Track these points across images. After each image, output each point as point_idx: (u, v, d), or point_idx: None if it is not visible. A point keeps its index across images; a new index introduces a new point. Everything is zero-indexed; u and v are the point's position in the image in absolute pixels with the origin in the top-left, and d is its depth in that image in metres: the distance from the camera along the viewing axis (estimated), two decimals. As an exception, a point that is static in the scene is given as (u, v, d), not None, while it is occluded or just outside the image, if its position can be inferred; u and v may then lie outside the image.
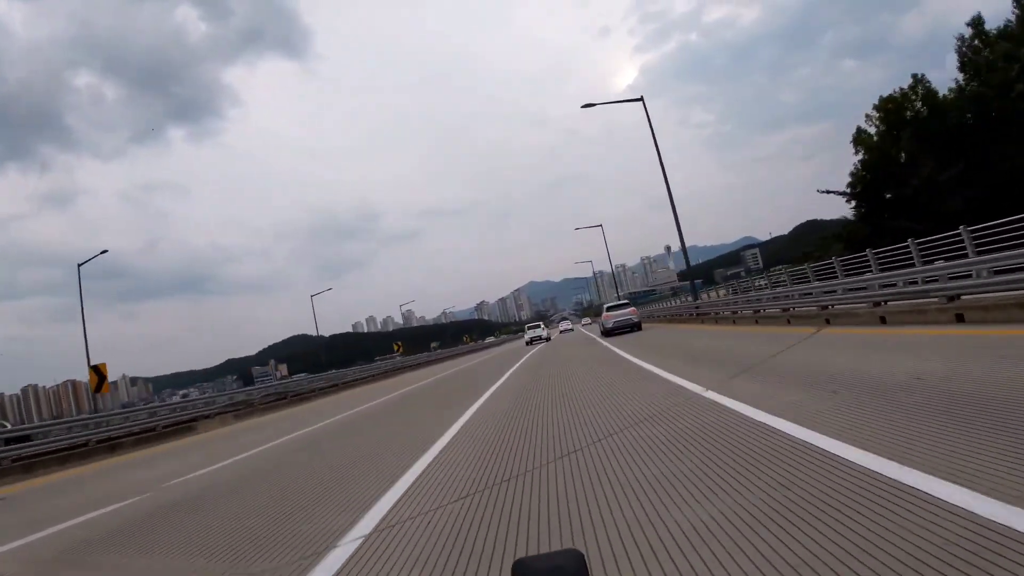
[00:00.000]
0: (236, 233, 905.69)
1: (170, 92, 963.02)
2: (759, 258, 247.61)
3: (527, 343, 42.20)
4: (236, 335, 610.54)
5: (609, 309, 30.79)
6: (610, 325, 29.15)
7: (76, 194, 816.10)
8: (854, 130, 35.23)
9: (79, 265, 29.34)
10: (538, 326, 46.28)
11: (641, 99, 28.36)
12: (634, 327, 29.06)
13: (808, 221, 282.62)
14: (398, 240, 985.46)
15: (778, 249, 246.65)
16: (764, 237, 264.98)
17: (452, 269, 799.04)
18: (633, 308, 31.50)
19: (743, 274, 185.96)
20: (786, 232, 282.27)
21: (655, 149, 28.07)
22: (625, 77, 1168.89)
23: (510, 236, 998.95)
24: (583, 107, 29.25)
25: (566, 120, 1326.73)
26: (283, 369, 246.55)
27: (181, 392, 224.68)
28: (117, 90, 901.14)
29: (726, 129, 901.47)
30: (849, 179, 36.06)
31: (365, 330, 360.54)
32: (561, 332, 51.09)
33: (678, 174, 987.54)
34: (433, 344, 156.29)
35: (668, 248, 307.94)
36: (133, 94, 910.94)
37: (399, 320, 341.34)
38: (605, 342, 24.17)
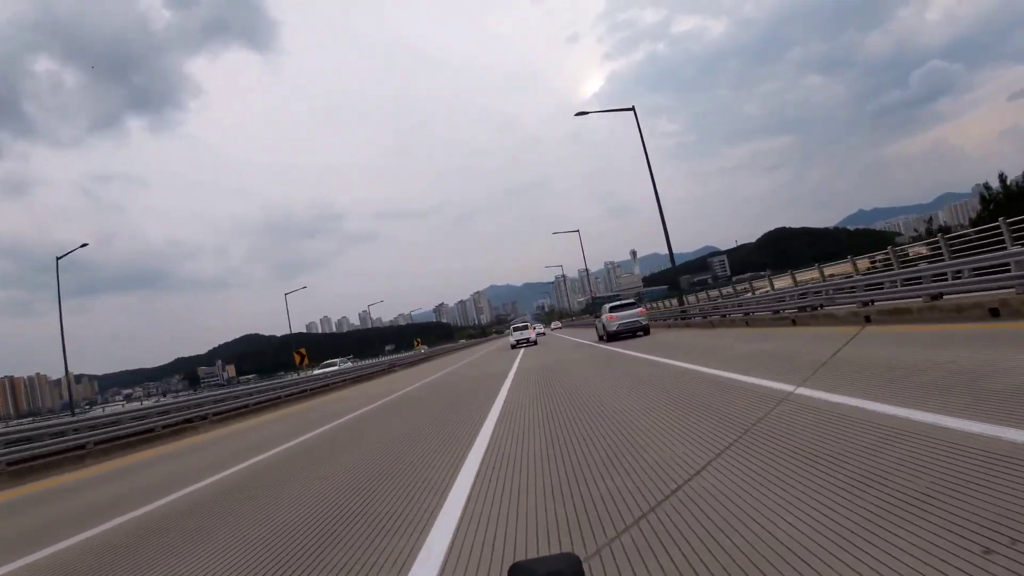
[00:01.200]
0: (193, 228, 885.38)
1: (131, 81, 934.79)
2: (726, 265, 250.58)
3: (512, 345, 39.18)
4: (188, 333, 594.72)
5: (613, 309, 26.42)
6: (615, 328, 25.21)
7: (31, 184, 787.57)
8: (817, 143, 33.26)
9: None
10: (526, 327, 43.51)
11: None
12: (643, 331, 25.64)
13: (777, 229, 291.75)
14: (357, 240, 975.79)
15: (745, 256, 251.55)
16: (726, 246, 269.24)
17: (411, 271, 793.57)
18: (642, 308, 27.96)
19: (710, 280, 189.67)
20: (753, 240, 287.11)
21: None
22: (592, 84, 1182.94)
23: (471, 239, 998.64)
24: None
25: (531, 125, 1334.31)
26: (231, 370, 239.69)
27: (126, 392, 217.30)
28: (77, 77, 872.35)
29: (691, 139, 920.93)
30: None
31: (319, 331, 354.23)
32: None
33: (642, 182, 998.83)
34: (388, 347, 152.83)
35: (634, 253, 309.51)
36: (93, 82, 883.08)
37: (355, 321, 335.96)
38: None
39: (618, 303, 28.53)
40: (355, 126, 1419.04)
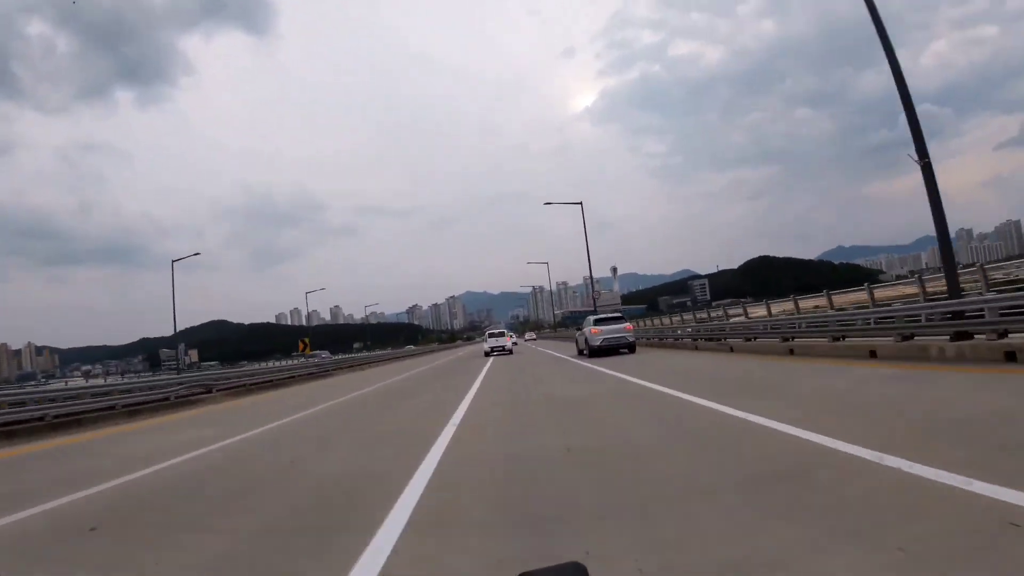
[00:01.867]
0: (172, 207, 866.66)
1: (122, 51, 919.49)
2: (707, 289, 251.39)
3: (486, 352, 37.06)
4: (156, 313, 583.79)
5: (598, 322, 24.39)
6: (598, 342, 23.26)
7: (12, 146, 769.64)
8: (800, 176, 33.22)
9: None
10: (502, 334, 40.72)
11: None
12: (628, 348, 23.80)
13: (760, 257, 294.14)
14: (335, 234, 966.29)
15: (726, 281, 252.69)
16: (703, 270, 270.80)
17: (387, 270, 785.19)
18: (628, 324, 25.52)
19: (689, 304, 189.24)
20: (735, 266, 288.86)
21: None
22: (584, 99, 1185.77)
23: (450, 243, 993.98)
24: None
25: (518, 134, 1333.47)
26: (194, 355, 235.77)
27: (85, 368, 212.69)
28: (69, 43, 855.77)
29: (676, 162, 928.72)
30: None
31: (288, 322, 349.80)
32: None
33: (624, 200, 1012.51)
34: (356, 345, 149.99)
35: (614, 270, 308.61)
36: (85, 49, 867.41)
37: (325, 316, 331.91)
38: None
39: (604, 316, 26.41)
40: (343, 119, 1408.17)
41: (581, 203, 40.82)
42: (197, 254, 33.12)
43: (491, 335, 40.69)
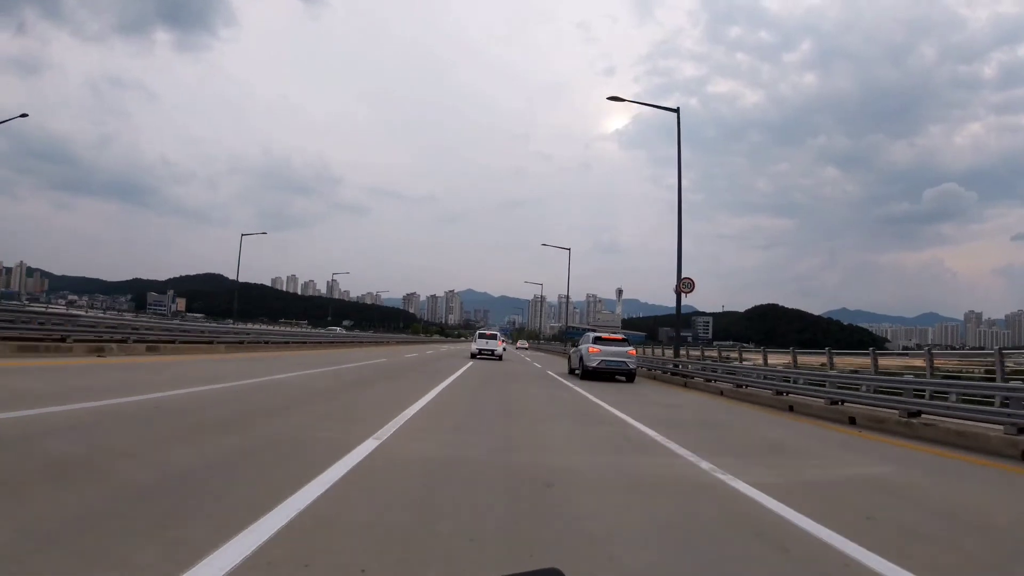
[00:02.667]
0: (190, 154, 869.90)
1: None
2: (710, 327, 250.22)
3: (473, 354, 34.94)
4: (153, 256, 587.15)
5: (598, 341, 21.87)
6: (595, 363, 20.74)
7: (43, 67, 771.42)
8: (815, 233, 31.99)
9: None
10: (494, 337, 37.81)
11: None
12: (627, 375, 21.36)
13: (769, 304, 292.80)
14: (346, 210, 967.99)
15: (729, 323, 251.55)
16: (704, 308, 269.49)
17: (392, 254, 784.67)
18: (631, 348, 22.66)
19: (690, 339, 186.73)
20: (741, 310, 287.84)
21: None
22: (616, 121, 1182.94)
23: (459, 238, 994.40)
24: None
25: (545, 142, 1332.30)
26: (181, 304, 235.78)
27: (71, 297, 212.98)
28: None
29: (697, 199, 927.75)
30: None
31: (284, 288, 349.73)
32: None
33: (636, 227, 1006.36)
34: (345, 323, 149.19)
35: (619, 292, 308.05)
36: None
37: (321, 287, 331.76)
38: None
39: (605, 335, 23.78)
40: (374, 97, 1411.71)
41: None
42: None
43: (481, 335, 38.19)
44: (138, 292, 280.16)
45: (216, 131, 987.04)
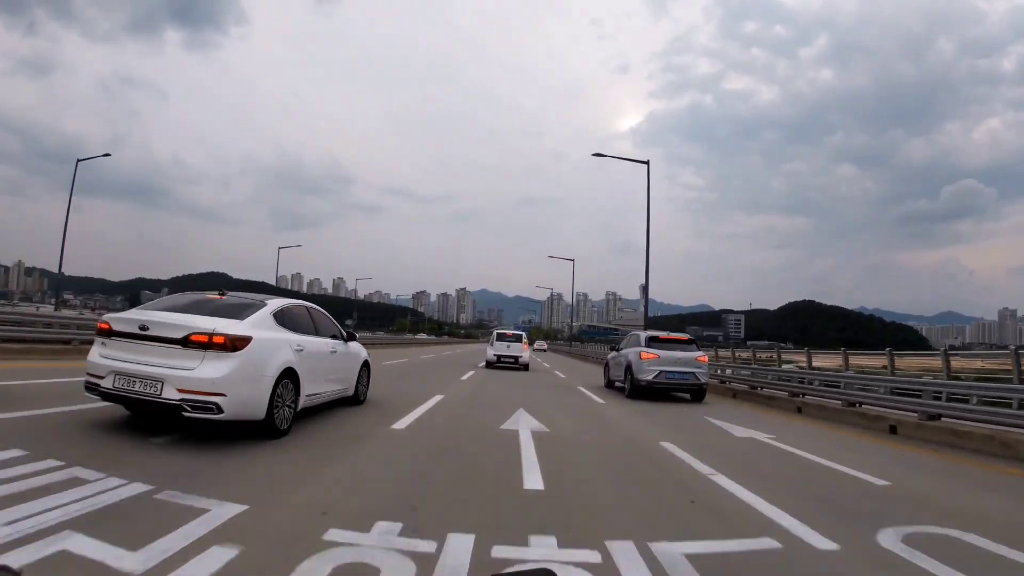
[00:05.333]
0: (202, 154, 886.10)
1: None
2: (742, 326, 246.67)
3: (490, 362, 26.38)
4: (160, 256, 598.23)
5: (654, 344, 16.03)
6: (650, 376, 15.28)
7: (54, 67, 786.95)
8: (831, 232, 28.65)
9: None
10: (517, 338, 27.87)
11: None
12: (695, 392, 15.94)
13: (804, 301, 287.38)
14: (358, 209, 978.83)
15: (761, 323, 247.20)
16: (718, 307, 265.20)
17: (403, 253, 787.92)
18: (702, 353, 16.51)
19: (721, 339, 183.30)
20: (772, 308, 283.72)
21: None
22: (630, 119, 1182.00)
23: (472, 238, 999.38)
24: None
25: (561, 140, 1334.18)
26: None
27: (66, 296, 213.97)
28: None
29: (712, 198, 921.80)
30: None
31: (289, 287, 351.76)
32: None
33: (652, 225, 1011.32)
34: (348, 321, 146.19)
35: (644, 288, 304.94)
36: None
37: (327, 286, 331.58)
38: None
39: (663, 334, 17.30)
40: (387, 95, 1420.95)
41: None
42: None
43: (500, 337, 28.45)
44: (138, 290, 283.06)
45: (227, 131, 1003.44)
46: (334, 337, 8.98)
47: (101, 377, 6.03)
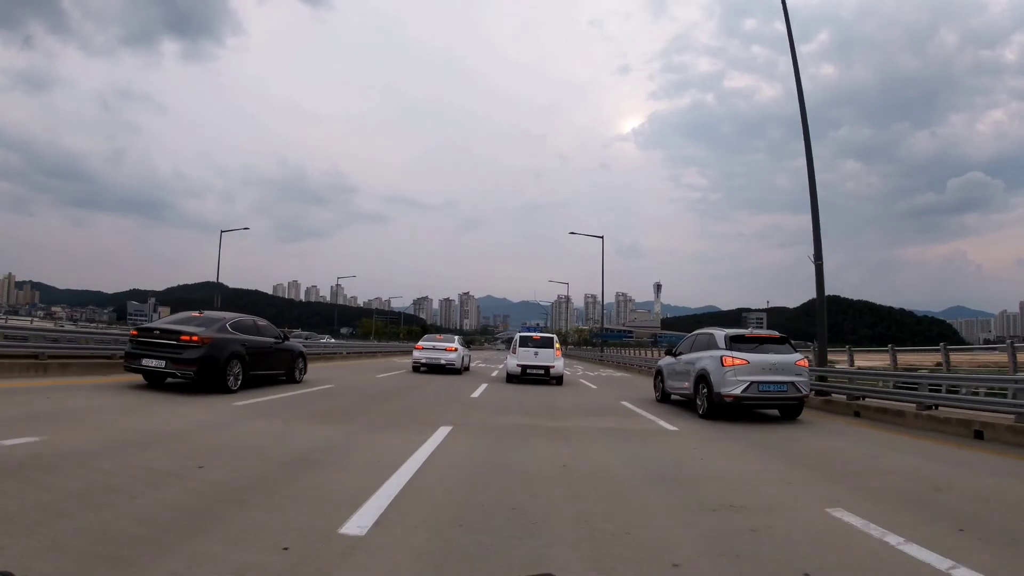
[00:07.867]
0: (203, 167, 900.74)
1: (175, 1, 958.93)
2: (764, 324, 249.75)
3: (511, 375, 22.86)
4: (157, 268, 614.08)
5: (737, 344, 13.26)
6: (739, 390, 12.48)
7: (52, 83, 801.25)
8: (837, 230, 32.88)
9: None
10: (549, 342, 23.63)
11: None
12: (790, 406, 13.38)
13: (829, 296, 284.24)
14: (362, 219, 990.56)
15: (781, 321, 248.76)
16: (726, 307, 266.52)
17: (407, 261, 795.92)
18: (801, 356, 13.72)
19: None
20: (791, 306, 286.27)
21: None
22: (632, 120, 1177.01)
23: (476, 244, 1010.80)
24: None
25: (563, 145, 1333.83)
26: (165, 312, 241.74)
27: (53, 309, 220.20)
28: None
29: (716, 197, 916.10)
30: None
31: (285, 295, 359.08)
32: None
33: (657, 228, 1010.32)
34: (343, 330, 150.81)
35: (658, 287, 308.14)
36: None
37: (325, 294, 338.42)
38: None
39: (748, 332, 14.45)
40: (387, 102, 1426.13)
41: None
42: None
43: (525, 342, 23.51)
44: (137, 301, 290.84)
45: (228, 142, 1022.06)
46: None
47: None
